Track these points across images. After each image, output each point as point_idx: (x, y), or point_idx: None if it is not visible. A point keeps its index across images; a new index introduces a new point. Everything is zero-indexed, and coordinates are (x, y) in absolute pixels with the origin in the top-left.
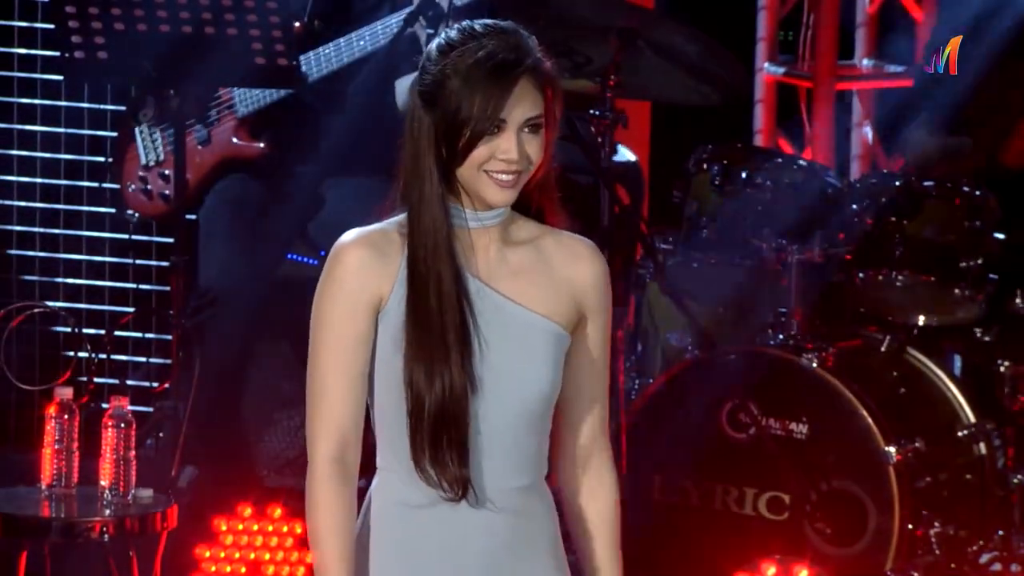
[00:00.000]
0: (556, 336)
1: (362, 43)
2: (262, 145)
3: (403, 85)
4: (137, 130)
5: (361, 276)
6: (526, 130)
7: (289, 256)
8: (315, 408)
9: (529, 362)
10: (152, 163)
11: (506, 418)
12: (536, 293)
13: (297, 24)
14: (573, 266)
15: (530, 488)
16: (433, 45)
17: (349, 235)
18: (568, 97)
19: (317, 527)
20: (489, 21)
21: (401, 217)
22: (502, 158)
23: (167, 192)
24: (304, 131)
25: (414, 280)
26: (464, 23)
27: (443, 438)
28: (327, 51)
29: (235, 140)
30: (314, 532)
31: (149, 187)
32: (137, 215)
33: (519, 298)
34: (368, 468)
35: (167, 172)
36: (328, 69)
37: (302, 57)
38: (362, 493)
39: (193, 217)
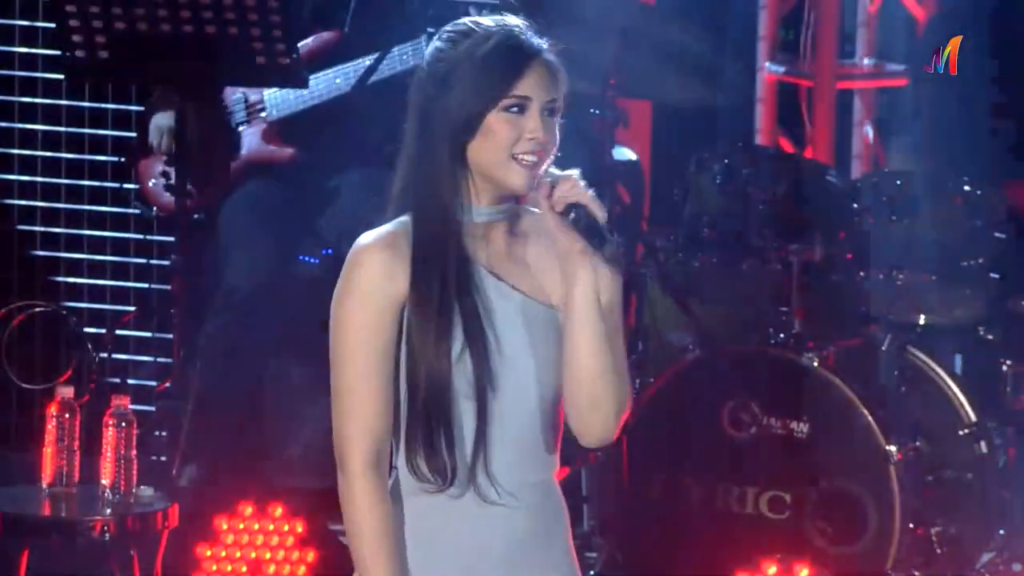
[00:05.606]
0: (559, 322)
1: (339, 82)
2: (292, 151)
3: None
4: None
5: (382, 278)
6: (546, 113)
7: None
8: (347, 414)
9: (543, 352)
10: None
11: (525, 412)
12: (543, 283)
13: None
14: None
15: (547, 484)
16: (442, 35)
17: (366, 238)
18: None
19: (364, 537)
20: (494, 17)
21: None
22: (530, 137)
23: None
24: (338, 140)
25: (417, 267)
26: (470, 18)
27: (432, 426)
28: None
29: (265, 144)
30: (361, 541)
31: (172, 181)
32: (155, 210)
33: (528, 289)
34: None
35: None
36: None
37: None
38: None
39: (197, 216)
